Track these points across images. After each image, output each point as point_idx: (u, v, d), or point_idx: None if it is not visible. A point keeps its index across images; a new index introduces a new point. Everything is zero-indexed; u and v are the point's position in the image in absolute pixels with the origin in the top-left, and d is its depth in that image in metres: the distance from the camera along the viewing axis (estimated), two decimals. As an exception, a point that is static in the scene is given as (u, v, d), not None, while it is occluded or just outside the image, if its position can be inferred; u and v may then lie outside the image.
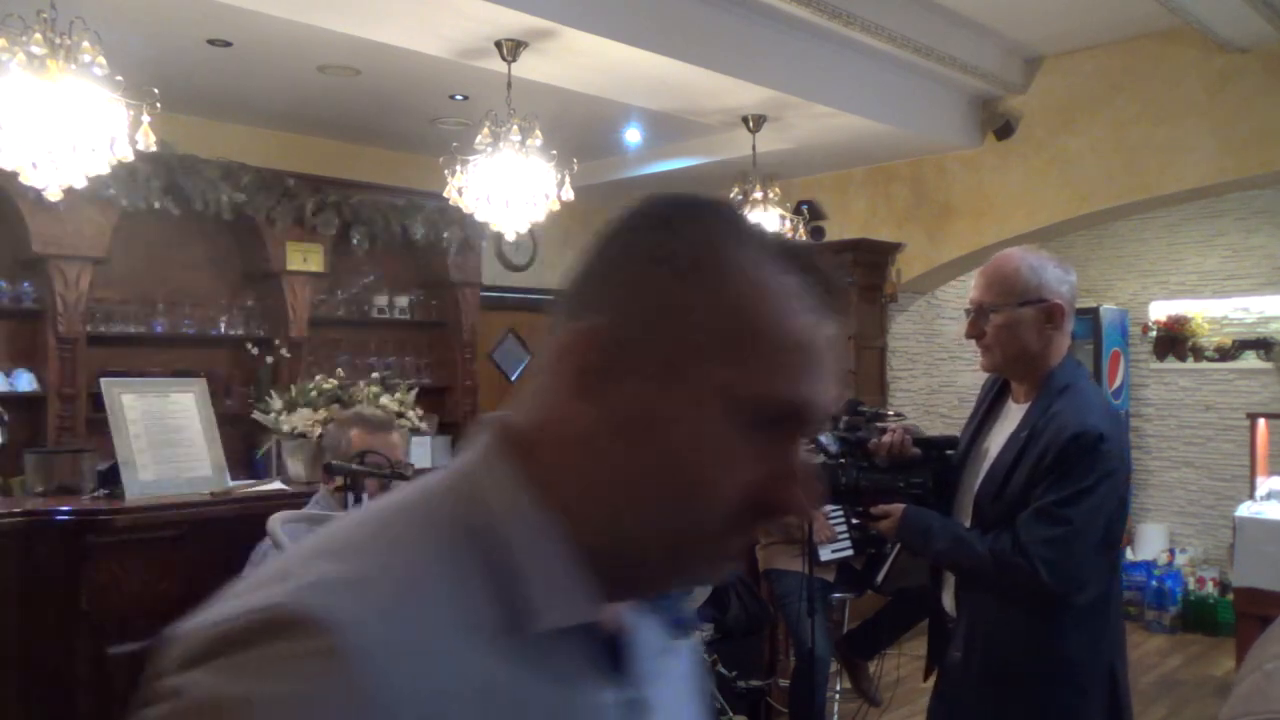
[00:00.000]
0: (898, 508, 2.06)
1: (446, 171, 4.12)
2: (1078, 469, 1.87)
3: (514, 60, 4.05)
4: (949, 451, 2.13)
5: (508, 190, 4.06)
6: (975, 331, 2.01)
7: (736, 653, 3.59)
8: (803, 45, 4.68)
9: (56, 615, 2.55)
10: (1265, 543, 4.51)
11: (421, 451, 3.66)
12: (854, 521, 3.87)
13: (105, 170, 3.00)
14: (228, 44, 4.47)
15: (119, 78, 2.95)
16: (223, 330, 5.40)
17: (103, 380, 2.78)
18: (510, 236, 4.39)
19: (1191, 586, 6.56)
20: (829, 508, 3.85)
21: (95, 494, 2.71)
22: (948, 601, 2.11)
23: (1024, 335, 1.96)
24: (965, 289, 6.95)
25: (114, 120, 2.94)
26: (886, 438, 2.11)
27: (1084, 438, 1.87)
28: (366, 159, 6.19)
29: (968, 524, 2.03)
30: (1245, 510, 4.77)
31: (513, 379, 7.38)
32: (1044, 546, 1.88)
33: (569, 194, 4.20)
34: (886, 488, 2.08)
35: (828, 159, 6.12)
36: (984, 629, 2.01)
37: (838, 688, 4.18)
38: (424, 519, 0.66)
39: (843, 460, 2.13)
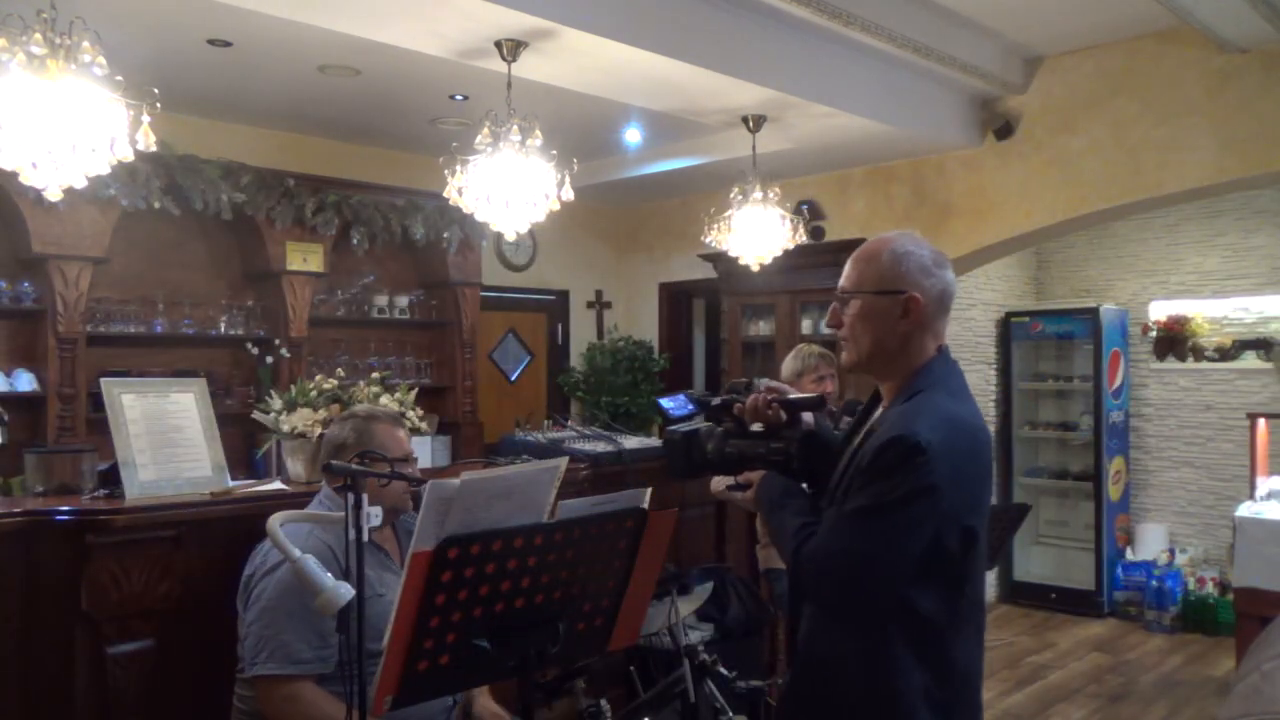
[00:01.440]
0: (758, 475, 1.85)
1: (446, 171, 4.12)
2: (883, 480, 1.60)
3: (514, 60, 4.05)
4: (808, 414, 1.86)
5: (508, 190, 4.06)
6: (834, 321, 1.80)
7: (736, 653, 3.58)
8: (803, 45, 4.68)
9: (56, 615, 2.54)
10: (1265, 543, 4.52)
11: (422, 451, 3.65)
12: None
13: (105, 170, 2.99)
14: (228, 44, 4.47)
15: (119, 78, 2.95)
16: (223, 330, 5.41)
17: (103, 380, 2.78)
18: (510, 236, 4.38)
19: (1191, 586, 6.57)
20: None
21: (95, 494, 2.71)
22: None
23: (878, 328, 1.74)
24: (965, 289, 6.96)
25: (114, 120, 2.94)
26: (750, 399, 1.85)
27: (899, 444, 1.60)
28: (366, 159, 6.19)
29: None
30: (1245, 510, 4.78)
31: (512, 379, 7.38)
32: (826, 559, 1.64)
33: (569, 194, 4.20)
34: (750, 454, 1.83)
35: (828, 159, 6.12)
36: (810, 651, 1.76)
37: (838, 688, 4.18)
38: None
39: (702, 429, 1.89)
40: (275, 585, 2.30)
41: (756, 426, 1.84)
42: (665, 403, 2.26)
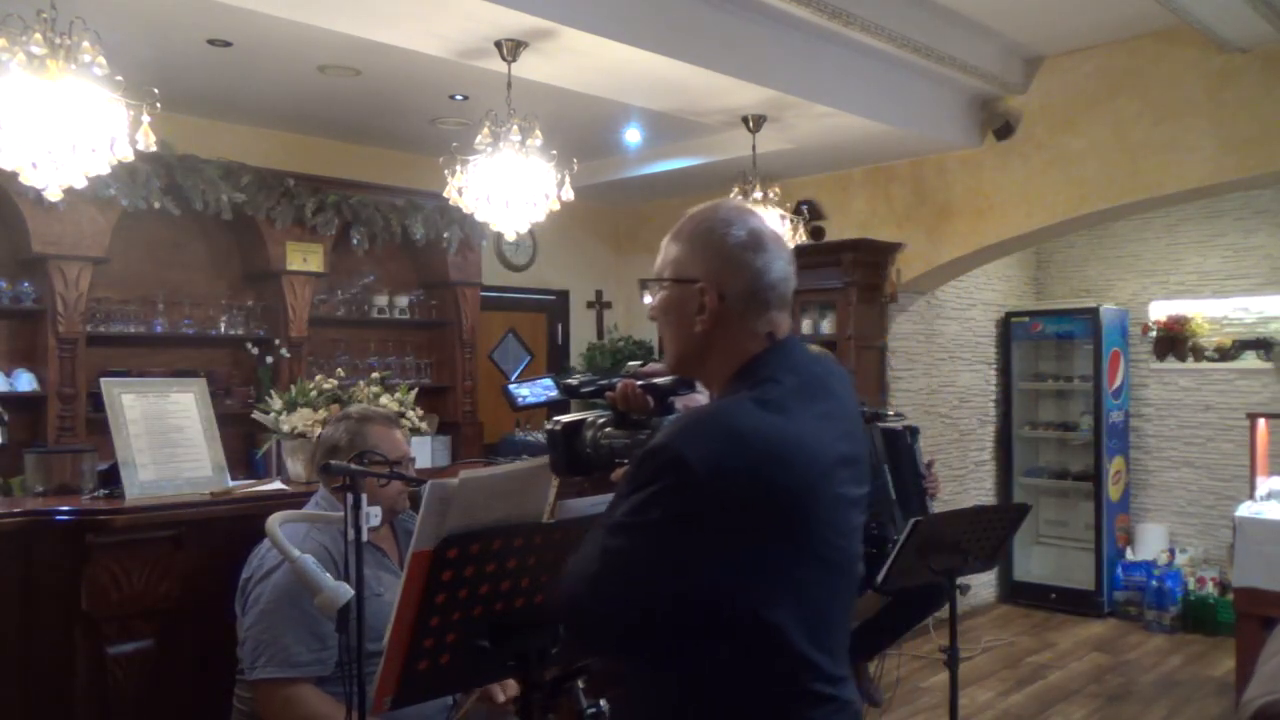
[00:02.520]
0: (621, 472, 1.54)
1: (446, 171, 4.12)
2: (633, 494, 1.32)
3: (514, 60, 4.05)
4: (673, 398, 1.58)
5: (508, 190, 4.06)
6: (651, 312, 1.54)
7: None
8: (803, 45, 4.68)
9: (56, 615, 2.55)
10: (1265, 543, 4.52)
11: (422, 451, 3.65)
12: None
13: (105, 170, 3.00)
14: (228, 44, 4.47)
15: (119, 78, 2.95)
16: (223, 330, 5.41)
17: (103, 380, 2.78)
18: (510, 236, 4.39)
19: (1191, 586, 6.57)
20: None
21: (95, 494, 2.71)
22: None
23: (678, 324, 1.46)
24: (965, 289, 6.97)
25: (114, 120, 2.94)
26: (620, 384, 1.59)
27: (656, 456, 1.31)
28: (366, 159, 6.19)
29: None
30: (1245, 510, 4.78)
31: (512, 379, 7.38)
32: (573, 580, 1.39)
33: (569, 194, 4.20)
34: (620, 447, 1.57)
35: (828, 159, 6.12)
36: (618, 686, 1.53)
37: (838, 688, 4.18)
38: None
39: (587, 419, 1.62)
40: (272, 589, 2.30)
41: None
42: (517, 389, 1.96)
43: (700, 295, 1.42)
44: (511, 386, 1.93)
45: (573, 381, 1.74)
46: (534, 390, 1.95)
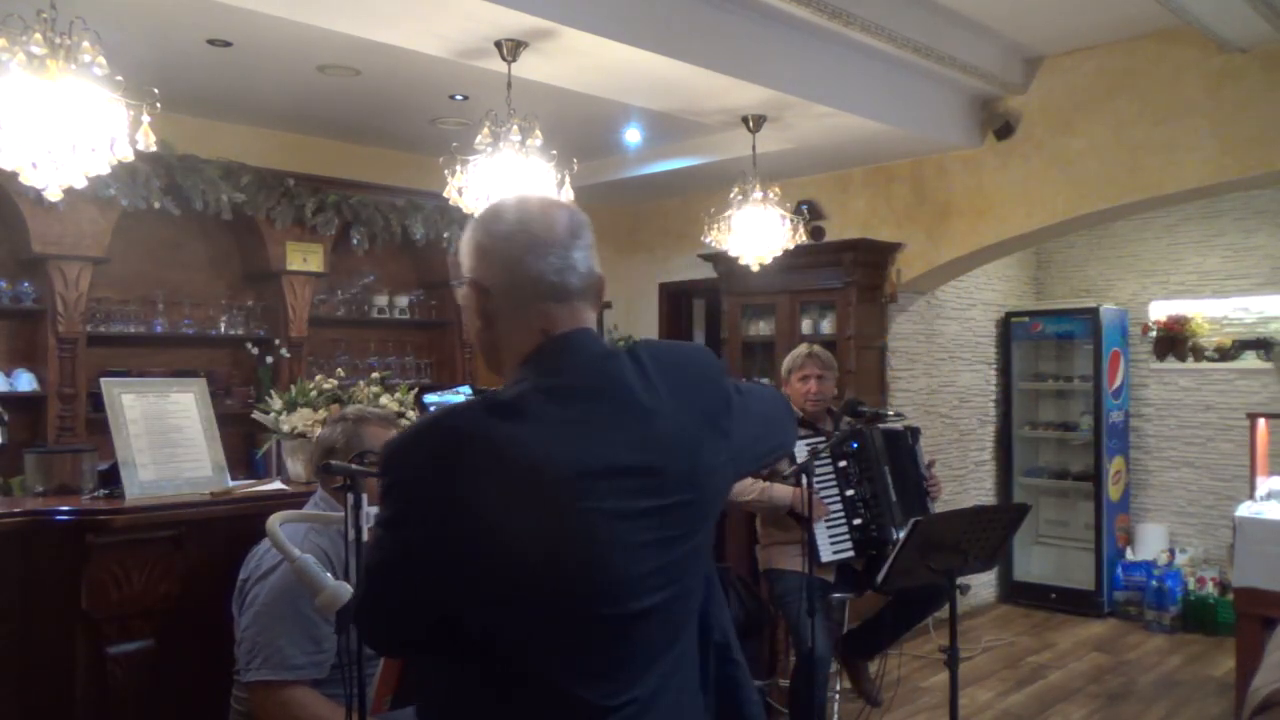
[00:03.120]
0: None
1: (446, 171, 4.12)
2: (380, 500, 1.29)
3: (514, 60, 4.05)
4: None
5: (508, 190, 4.06)
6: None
7: (736, 653, 3.58)
8: (803, 45, 4.68)
9: (56, 615, 2.55)
10: (1265, 543, 4.51)
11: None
12: (855, 523, 3.89)
13: (105, 170, 2.99)
14: (228, 44, 4.47)
15: (119, 78, 2.95)
16: (223, 330, 5.41)
17: (103, 380, 2.78)
18: (510, 236, 4.37)
19: (1191, 586, 6.57)
20: (831, 506, 3.86)
21: (95, 494, 2.71)
22: None
23: (469, 324, 1.46)
24: (965, 289, 6.97)
25: (114, 120, 2.94)
26: None
27: (380, 458, 1.29)
28: (366, 159, 6.19)
29: None
30: (1245, 510, 4.78)
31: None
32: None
33: (569, 194, 4.20)
34: None
35: (828, 159, 6.12)
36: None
37: (838, 688, 4.19)
38: None
39: None
40: (269, 590, 2.30)
41: None
42: (428, 400, 1.91)
43: (473, 293, 1.37)
44: (426, 398, 1.93)
45: (484, 387, 1.73)
46: (442, 399, 1.96)
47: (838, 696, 4.19)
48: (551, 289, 1.34)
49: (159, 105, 3.02)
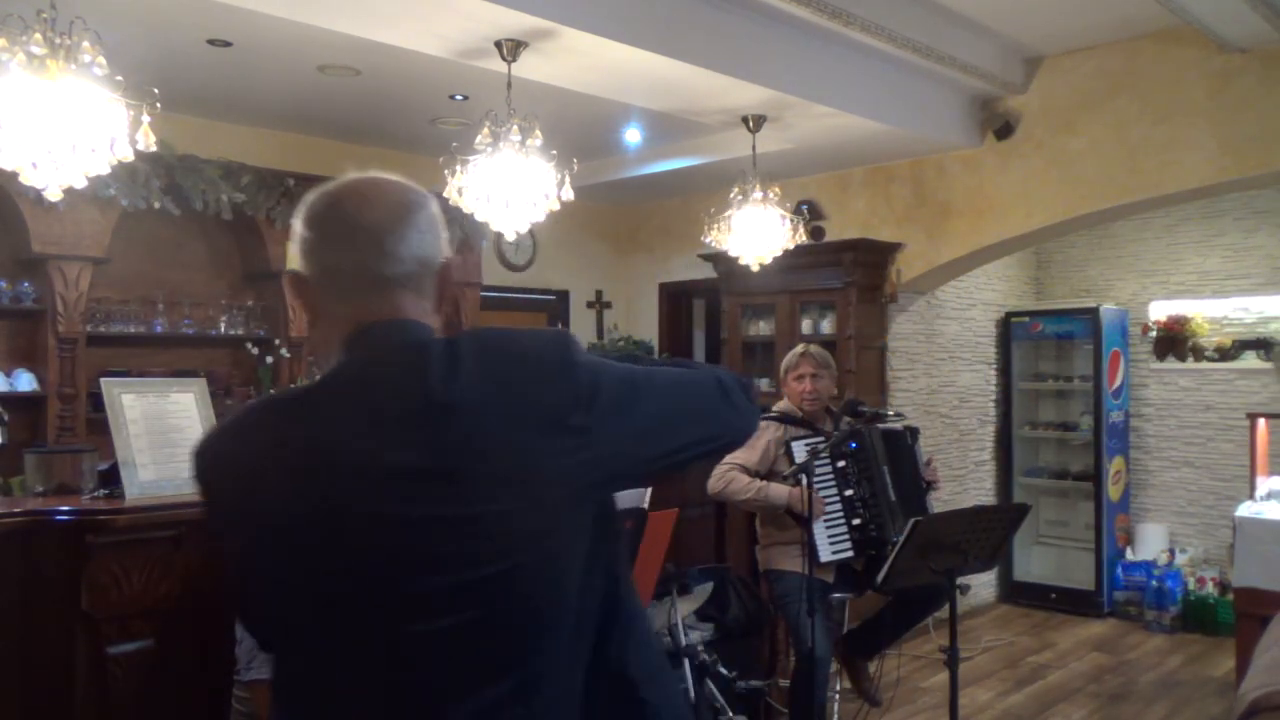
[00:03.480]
0: None
1: (446, 171, 4.12)
2: None
3: (514, 60, 4.05)
4: None
5: (508, 190, 4.06)
6: None
7: (736, 653, 3.59)
8: (803, 45, 4.68)
9: (56, 615, 2.54)
10: (1265, 543, 4.52)
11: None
12: (854, 523, 3.88)
13: (105, 170, 2.99)
14: (228, 44, 4.47)
15: (119, 78, 2.95)
16: (223, 330, 5.41)
17: (103, 380, 2.78)
18: (510, 236, 4.39)
19: (1191, 586, 6.57)
20: (830, 506, 3.85)
21: (95, 494, 2.71)
22: None
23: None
24: (965, 289, 6.97)
25: (114, 120, 2.94)
26: None
27: None
28: (366, 159, 6.07)
29: None
30: (1245, 510, 4.78)
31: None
32: None
33: (569, 194, 4.20)
34: None
35: (828, 159, 6.12)
36: None
37: (838, 688, 4.19)
38: None
39: None
40: None
41: None
42: None
43: (289, 285, 1.34)
44: None
45: None
46: None
47: (838, 696, 4.19)
48: (363, 279, 1.24)
49: (159, 105, 3.03)
